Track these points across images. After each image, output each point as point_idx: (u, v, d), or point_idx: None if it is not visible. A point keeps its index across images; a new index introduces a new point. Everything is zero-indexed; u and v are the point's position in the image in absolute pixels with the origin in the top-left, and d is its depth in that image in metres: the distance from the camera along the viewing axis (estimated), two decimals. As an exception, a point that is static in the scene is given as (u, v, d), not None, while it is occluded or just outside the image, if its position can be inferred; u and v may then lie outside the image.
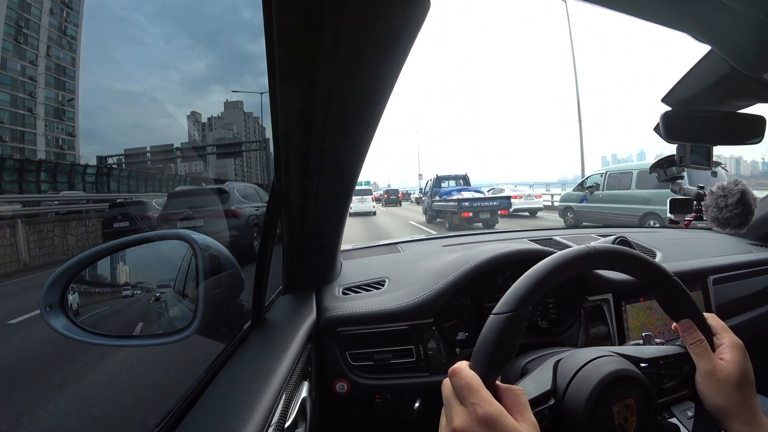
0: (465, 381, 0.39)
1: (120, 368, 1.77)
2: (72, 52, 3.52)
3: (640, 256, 0.50)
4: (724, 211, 1.01)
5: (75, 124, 3.46)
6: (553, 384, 0.47)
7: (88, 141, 3.02)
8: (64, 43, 3.46)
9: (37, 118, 3.15)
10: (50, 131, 3.26)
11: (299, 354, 0.68)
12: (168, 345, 0.61)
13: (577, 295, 0.93)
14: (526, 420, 0.37)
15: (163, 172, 3.76)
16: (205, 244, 0.65)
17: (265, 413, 0.49)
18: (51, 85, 3.36)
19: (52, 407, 1.52)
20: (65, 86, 3.52)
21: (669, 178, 1.22)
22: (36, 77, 3.28)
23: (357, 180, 0.78)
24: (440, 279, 0.89)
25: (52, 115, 3.26)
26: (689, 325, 0.49)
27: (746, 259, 1.26)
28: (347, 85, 0.51)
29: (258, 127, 6.38)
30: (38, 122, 3.17)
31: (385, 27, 0.43)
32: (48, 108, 3.26)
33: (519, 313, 0.42)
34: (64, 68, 3.48)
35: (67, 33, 3.52)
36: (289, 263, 0.92)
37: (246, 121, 6.61)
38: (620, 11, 0.42)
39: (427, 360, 0.86)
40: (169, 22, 24.97)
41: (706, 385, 0.46)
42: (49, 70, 3.36)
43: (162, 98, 14.35)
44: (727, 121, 0.67)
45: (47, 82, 3.35)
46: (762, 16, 0.40)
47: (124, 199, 3.78)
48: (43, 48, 3.29)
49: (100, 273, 0.66)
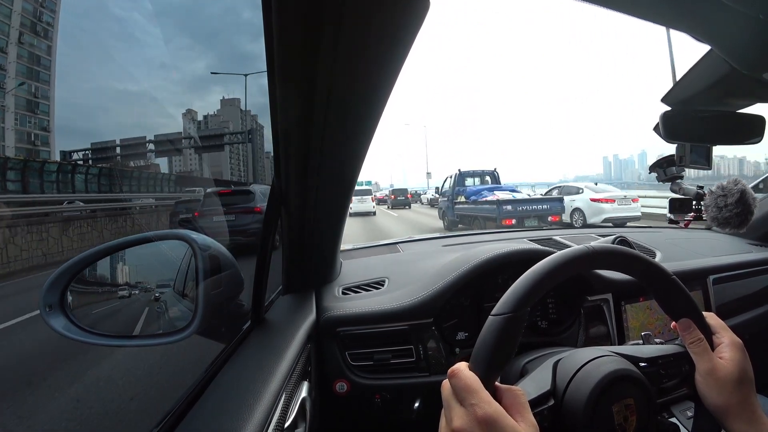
0: (464, 382, 0.39)
1: (120, 368, 1.77)
2: (48, 39, 3.29)
3: (640, 255, 0.50)
4: (724, 210, 1.01)
5: (50, 118, 3.22)
6: (553, 384, 0.47)
7: (87, 140, 2.84)
8: (39, 30, 3.22)
9: (6, 111, 2.93)
10: (21, 125, 3.01)
11: (299, 354, 0.68)
12: (168, 345, 0.61)
13: (577, 295, 0.93)
14: (525, 420, 0.37)
15: (147, 170, 3.63)
16: (205, 244, 0.65)
17: (265, 413, 0.49)
18: (23, 74, 3.13)
19: (52, 407, 1.52)
20: (39, 77, 3.29)
21: (668, 177, 1.22)
22: (6, 66, 3.06)
23: (357, 180, 0.78)
24: (440, 279, 0.89)
25: (24, 108, 3.03)
26: (688, 324, 0.49)
27: (746, 258, 1.26)
28: (347, 85, 0.51)
29: (256, 125, 6.20)
30: (7, 115, 2.94)
31: (384, 27, 0.43)
32: (19, 100, 3.03)
33: (518, 314, 0.42)
34: (39, 57, 3.25)
35: (43, 19, 3.29)
36: (288, 263, 0.92)
37: (243, 119, 6.46)
38: (620, 11, 0.41)
39: (427, 360, 0.86)
40: (168, 22, 24.99)
41: (706, 384, 0.46)
42: (21, 59, 3.12)
43: (162, 98, 14.39)
44: (726, 120, 0.67)
45: (18, 71, 3.12)
46: (762, 16, 0.40)
47: (191, 197, 3.90)
48: (15, 34, 3.04)
49: (99, 273, 0.66)
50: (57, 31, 3.33)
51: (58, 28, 3.32)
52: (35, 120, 3.10)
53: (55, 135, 3.39)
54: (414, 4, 0.40)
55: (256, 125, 3.21)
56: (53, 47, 3.25)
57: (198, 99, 13.14)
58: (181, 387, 0.60)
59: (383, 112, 0.58)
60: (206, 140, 4.83)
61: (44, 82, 3.19)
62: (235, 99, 2.99)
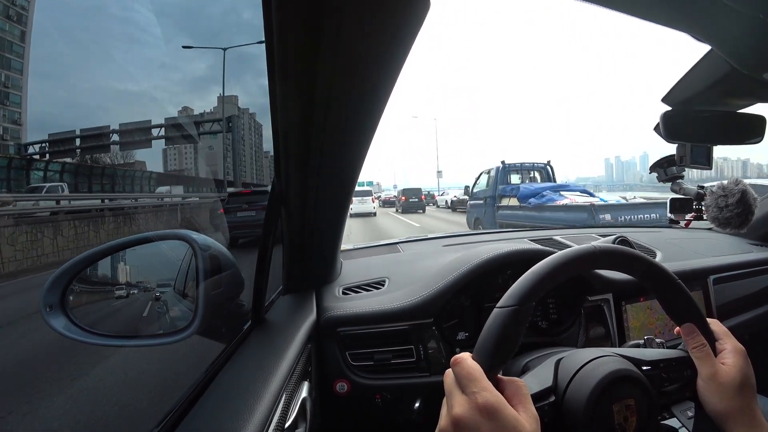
0: (467, 370, 0.39)
1: (120, 368, 1.77)
2: (21, 24, 3.17)
3: (644, 257, 0.50)
4: (725, 210, 1.01)
5: (22, 110, 3.09)
6: (554, 382, 0.47)
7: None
8: (11, 14, 3.09)
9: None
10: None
11: (299, 354, 0.68)
12: (168, 345, 0.61)
13: (578, 295, 0.93)
14: (527, 411, 0.37)
15: (131, 168, 3.42)
16: (205, 244, 0.65)
17: (266, 413, 0.49)
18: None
19: (52, 407, 1.52)
20: (11, 65, 3.16)
21: (669, 177, 1.22)
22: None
23: (357, 180, 0.78)
24: (440, 279, 0.89)
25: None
26: (692, 329, 0.49)
27: (746, 258, 1.26)
28: (347, 84, 0.51)
29: (254, 124, 5.95)
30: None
31: (385, 27, 0.43)
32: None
33: (523, 307, 0.42)
34: (11, 43, 3.12)
35: (16, 2, 3.17)
36: (289, 263, 0.92)
37: (241, 117, 6.22)
38: (620, 11, 0.42)
39: (427, 360, 0.86)
40: (169, 22, 24.83)
41: (708, 389, 0.46)
42: (-15, 44, 2.96)
43: (161, 98, 14.23)
44: (727, 120, 0.67)
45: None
46: (762, 16, 0.40)
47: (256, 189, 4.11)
48: (-17, 19, 2.89)
49: (100, 273, 0.66)
50: (32, 15, 3.18)
51: (33, 12, 3.17)
52: (5, 112, 2.95)
53: (27, 129, 3.24)
54: (414, 4, 0.40)
55: (239, 112, 2.94)
56: (28, 33, 3.09)
57: (198, 99, 13.05)
58: (181, 387, 0.60)
59: (384, 112, 0.58)
60: (174, 130, 4.76)
61: (16, 71, 3.05)
62: (233, 96, 2.77)
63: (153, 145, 4.16)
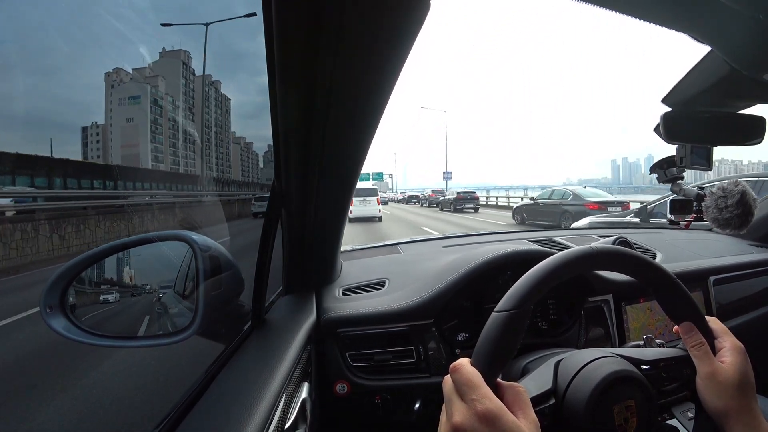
0: (466, 377, 0.39)
1: (120, 369, 1.76)
2: None
3: (643, 257, 0.50)
4: (724, 212, 1.01)
5: None
6: (554, 383, 0.47)
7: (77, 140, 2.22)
8: None
9: None
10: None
11: (299, 355, 0.68)
12: (168, 346, 0.61)
13: (578, 296, 0.93)
14: (527, 417, 0.37)
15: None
16: (205, 244, 0.65)
17: (265, 414, 0.49)
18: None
19: (52, 408, 1.51)
20: None
21: (669, 178, 1.22)
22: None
23: (357, 180, 0.78)
24: (440, 280, 0.89)
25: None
26: (690, 327, 0.49)
27: (746, 259, 1.26)
28: (347, 85, 0.51)
29: (218, 95, 5.04)
30: None
31: (385, 27, 0.43)
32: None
33: (521, 311, 0.42)
34: None
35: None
36: (289, 264, 0.92)
37: (189, 81, 5.50)
38: (620, 12, 0.42)
39: (427, 361, 0.86)
40: (163, 18, 24.46)
41: (707, 387, 0.46)
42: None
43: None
44: (727, 121, 0.67)
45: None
46: (762, 16, 0.40)
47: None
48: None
49: (100, 273, 0.66)
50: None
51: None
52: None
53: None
54: (414, 4, 0.40)
55: (186, 71, 2.56)
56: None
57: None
58: (181, 388, 0.60)
59: (384, 112, 0.58)
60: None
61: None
62: (181, 51, 2.36)
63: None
